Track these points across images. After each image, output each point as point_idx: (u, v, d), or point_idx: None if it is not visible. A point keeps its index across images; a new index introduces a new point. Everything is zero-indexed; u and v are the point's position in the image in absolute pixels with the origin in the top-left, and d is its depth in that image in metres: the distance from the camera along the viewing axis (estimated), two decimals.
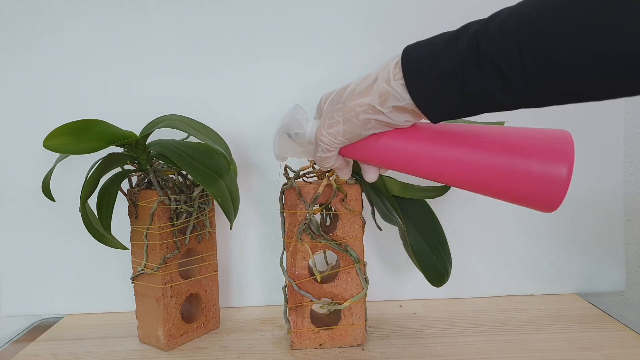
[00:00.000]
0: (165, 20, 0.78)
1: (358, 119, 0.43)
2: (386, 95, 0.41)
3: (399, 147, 0.45)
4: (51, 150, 0.55)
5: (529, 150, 0.39)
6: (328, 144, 0.46)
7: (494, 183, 0.40)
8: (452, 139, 0.43)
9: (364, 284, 0.63)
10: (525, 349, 0.62)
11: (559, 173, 0.37)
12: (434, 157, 0.43)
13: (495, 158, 0.40)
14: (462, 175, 0.42)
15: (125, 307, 0.79)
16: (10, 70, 0.78)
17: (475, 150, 0.41)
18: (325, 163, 0.49)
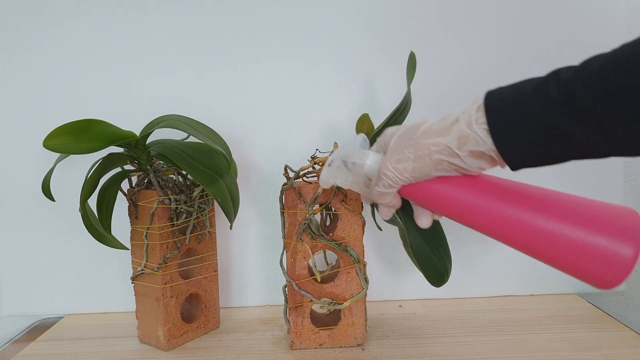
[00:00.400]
0: (165, 20, 0.78)
1: (431, 159, 0.42)
2: (466, 138, 0.40)
3: (462, 196, 0.43)
4: (51, 150, 0.55)
5: (597, 223, 0.37)
6: (392, 180, 0.45)
7: (555, 251, 0.38)
8: (518, 197, 0.41)
9: (364, 284, 0.63)
10: (525, 349, 0.62)
11: (626, 253, 0.35)
12: (496, 213, 0.41)
13: (560, 225, 0.38)
14: (522, 237, 0.40)
15: (125, 307, 0.79)
16: (10, 70, 0.78)
17: (539, 213, 0.39)
18: (383, 199, 0.47)
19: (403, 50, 0.76)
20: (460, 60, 0.79)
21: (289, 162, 0.78)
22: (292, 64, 0.79)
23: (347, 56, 0.78)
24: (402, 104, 0.64)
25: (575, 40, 0.79)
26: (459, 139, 0.40)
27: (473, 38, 0.78)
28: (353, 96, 0.79)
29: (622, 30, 0.79)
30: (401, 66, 0.73)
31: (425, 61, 0.77)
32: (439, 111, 0.78)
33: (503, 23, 0.78)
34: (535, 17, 0.79)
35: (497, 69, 0.79)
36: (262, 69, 0.79)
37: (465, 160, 0.41)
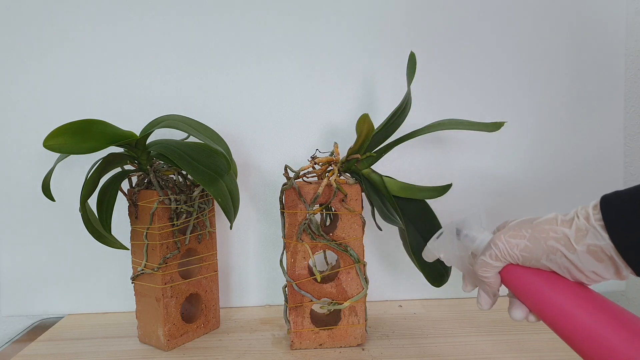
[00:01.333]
0: (165, 20, 0.78)
1: (546, 243, 0.41)
2: (585, 232, 0.39)
3: (562, 302, 0.41)
4: (51, 150, 0.55)
5: None
6: (501, 251, 0.43)
7: None
8: (621, 327, 0.38)
9: (364, 284, 0.63)
10: (525, 349, 0.62)
11: None
12: (594, 339, 0.39)
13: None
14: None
15: (125, 307, 0.79)
16: (11, 70, 0.78)
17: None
18: (485, 271, 0.45)
19: (403, 50, 0.76)
20: (460, 60, 0.79)
21: (289, 162, 0.79)
22: (292, 64, 0.79)
23: (347, 56, 0.78)
24: (402, 104, 0.64)
25: (576, 43, 0.79)
26: (577, 230, 0.39)
27: (473, 38, 0.78)
28: (353, 96, 0.79)
29: (623, 33, 0.79)
30: (401, 66, 0.73)
31: (426, 61, 0.77)
32: (438, 111, 0.78)
33: (503, 23, 0.78)
34: (535, 19, 0.79)
35: (498, 69, 0.79)
36: (262, 69, 0.79)
37: (581, 257, 0.40)
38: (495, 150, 0.80)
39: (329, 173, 0.63)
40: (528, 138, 0.80)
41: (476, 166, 0.80)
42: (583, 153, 0.79)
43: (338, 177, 0.63)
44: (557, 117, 0.79)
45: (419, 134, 0.63)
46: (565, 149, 0.79)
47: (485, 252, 0.45)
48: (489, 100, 0.79)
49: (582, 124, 0.79)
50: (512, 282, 0.45)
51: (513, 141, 0.80)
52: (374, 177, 0.64)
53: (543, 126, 0.79)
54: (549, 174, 0.80)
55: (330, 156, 0.64)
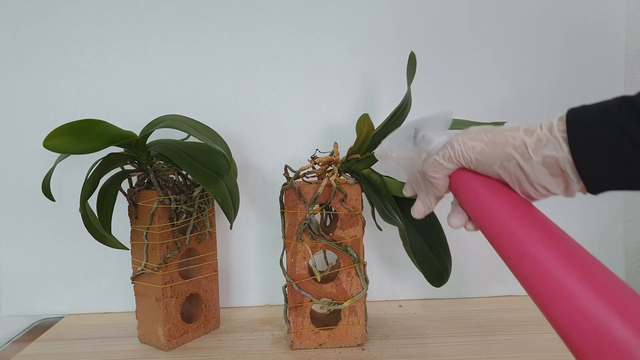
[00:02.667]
0: (165, 20, 0.78)
1: (503, 149, 0.40)
2: (545, 142, 0.38)
3: (506, 215, 0.40)
4: (51, 150, 0.55)
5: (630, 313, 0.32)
6: (456, 152, 0.42)
7: (575, 326, 0.35)
8: (564, 244, 0.38)
9: (364, 284, 0.63)
10: (525, 349, 0.62)
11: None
12: (534, 254, 0.38)
13: (597, 303, 0.34)
14: (548, 283, 0.36)
15: (125, 307, 0.79)
16: (11, 71, 0.78)
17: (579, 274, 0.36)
18: (434, 172, 0.44)
19: (403, 50, 0.76)
20: (460, 60, 0.79)
21: (289, 162, 0.79)
22: (292, 63, 0.79)
23: (347, 56, 0.78)
24: (402, 104, 0.64)
25: (576, 43, 0.79)
26: (537, 140, 0.38)
27: (474, 38, 0.78)
28: (353, 96, 0.79)
29: (623, 33, 0.79)
30: (401, 66, 0.73)
31: (426, 61, 0.77)
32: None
33: (503, 23, 0.78)
34: (535, 18, 0.79)
35: (498, 69, 0.79)
36: (263, 69, 0.79)
37: (535, 168, 0.39)
38: None
39: (329, 173, 0.63)
40: None
41: None
42: None
43: (338, 177, 0.63)
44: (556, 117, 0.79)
45: None
46: None
47: (439, 152, 0.44)
48: (489, 100, 0.79)
49: None
50: (460, 187, 0.43)
51: None
52: (374, 177, 0.64)
53: None
54: None
55: (330, 156, 0.64)
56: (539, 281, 0.37)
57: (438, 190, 0.46)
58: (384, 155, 0.49)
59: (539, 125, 0.39)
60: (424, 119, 0.46)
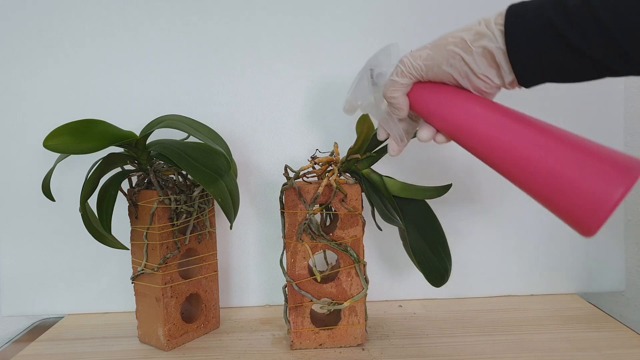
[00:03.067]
0: (165, 20, 0.78)
1: (446, 48, 0.43)
2: (481, 35, 0.41)
3: (465, 106, 0.43)
4: (51, 150, 0.55)
5: (595, 153, 0.37)
6: (406, 66, 0.45)
7: (545, 172, 0.38)
8: (520, 119, 0.41)
9: (364, 284, 0.63)
10: (525, 349, 0.62)
11: (610, 192, 0.35)
12: (495, 126, 0.41)
13: (563, 147, 0.38)
14: (513, 151, 0.40)
15: (125, 307, 0.79)
16: (10, 71, 0.78)
17: (533, 134, 0.40)
18: (392, 92, 0.47)
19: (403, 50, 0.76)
20: None
21: (289, 162, 0.79)
22: (292, 63, 0.79)
23: (347, 56, 0.78)
24: None
25: None
26: (475, 34, 0.42)
27: None
28: None
29: None
30: None
31: None
32: None
33: None
34: None
35: None
36: (262, 69, 0.79)
37: (476, 59, 0.42)
38: None
39: (329, 173, 0.63)
40: None
41: (476, 166, 0.80)
42: None
43: (338, 177, 0.63)
44: (557, 117, 0.78)
45: None
46: None
47: (393, 72, 0.47)
48: None
49: (582, 124, 0.79)
50: (419, 101, 0.46)
51: None
52: (374, 177, 0.64)
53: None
54: None
55: (330, 156, 0.64)
56: (507, 154, 0.41)
57: (400, 110, 0.48)
58: (352, 108, 0.51)
59: (478, 22, 0.43)
60: (373, 57, 0.49)
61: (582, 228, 0.38)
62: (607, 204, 0.35)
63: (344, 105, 0.51)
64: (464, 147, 0.45)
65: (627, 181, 0.35)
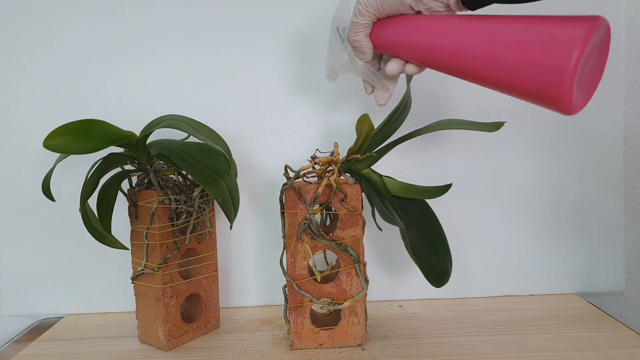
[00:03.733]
0: (164, 20, 0.78)
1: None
2: None
3: (422, 26, 0.45)
4: (51, 150, 0.55)
5: (549, 20, 0.38)
6: (362, 4, 0.47)
7: (508, 55, 0.39)
8: (474, 18, 0.43)
9: (364, 284, 0.63)
10: (525, 349, 0.62)
11: (576, 31, 0.35)
12: (452, 29, 0.43)
13: (513, 27, 0.39)
14: (475, 43, 0.41)
15: (125, 307, 0.79)
16: (10, 70, 0.78)
17: (496, 23, 0.41)
18: (355, 34, 0.48)
19: None
20: None
21: (289, 162, 0.79)
22: (292, 63, 0.79)
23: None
24: (401, 104, 0.64)
25: None
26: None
27: None
28: (353, 96, 0.79)
29: (623, 33, 0.79)
30: None
31: None
32: (438, 110, 0.78)
33: None
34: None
35: None
36: (262, 69, 0.79)
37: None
38: (495, 150, 0.80)
39: (329, 173, 0.63)
40: (528, 138, 0.80)
41: (476, 166, 0.80)
42: (583, 153, 0.79)
43: (338, 177, 0.63)
44: (557, 117, 0.79)
45: (419, 134, 0.63)
46: (565, 148, 0.79)
47: (352, 14, 0.48)
48: (489, 99, 0.79)
49: (582, 124, 0.79)
50: (381, 37, 0.48)
51: (513, 141, 0.80)
52: (374, 177, 0.64)
53: (543, 126, 0.79)
54: (548, 173, 0.80)
55: (330, 156, 0.64)
56: (467, 57, 0.42)
57: (365, 54, 0.50)
58: (332, 73, 0.53)
59: None
60: (335, 16, 0.50)
61: (558, 105, 0.38)
62: (565, 72, 0.35)
63: (325, 73, 0.53)
64: (432, 67, 0.47)
65: (579, 42, 0.35)
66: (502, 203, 0.80)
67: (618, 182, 0.80)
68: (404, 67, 0.50)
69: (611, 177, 0.80)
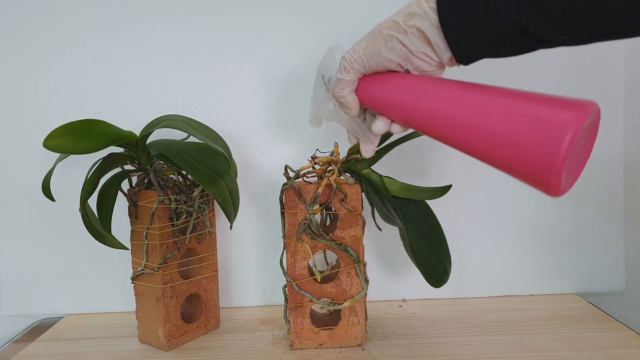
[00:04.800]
0: (164, 20, 0.78)
1: (382, 34, 0.44)
2: (413, 14, 0.41)
3: (408, 88, 0.43)
4: (51, 150, 0.55)
5: (541, 101, 0.36)
6: (347, 61, 0.46)
7: (496, 132, 0.37)
8: (465, 87, 0.41)
9: (364, 284, 0.63)
10: (525, 349, 0.62)
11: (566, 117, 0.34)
12: (441, 95, 0.41)
13: (504, 102, 0.37)
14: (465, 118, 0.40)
15: (125, 307, 0.79)
16: (10, 70, 0.78)
17: (487, 94, 0.39)
18: (340, 90, 0.47)
19: None
20: None
21: (289, 162, 0.79)
22: (292, 63, 0.79)
23: None
24: None
25: None
26: (407, 15, 0.42)
27: None
28: None
29: None
30: None
31: None
32: None
33: None
34: None
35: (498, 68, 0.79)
36: (262, 69, 0.79)
37: (412, 39, 0.42)
38: None
39: (329, 173, 0.63)
40: None
41: (476, 166, 0.80)
42: None
43: (338, 177, 0.63)
44: None
45: (419, 134, 0.63)
46: None
47: (338, 70, 0.47)
48: None
49: None
50: (368, 95, 0.47)
51: None
52: (374, 177, 0.64)
53: None
54: None
55: (331, 156, 0.64)
56: (455, 125, 0.40)
57: (351, 109, 0.49)
58: (316, 120, 0.52)
59: (410, 4, 0.43)
60: (321, 63, 0.49)
61: (545, 186, 0.36)
62: (557, 155, 0.34)
63: (310, 119, 0.52)
64: (418, 130, 0.45)
65: (572, 126, 0.34)
66: (502, 203, 0.80)
67: (618, 182, 0.80)
68: (390, 127, 0.48)
69: (611, 176, 0.80)
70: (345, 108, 0.49)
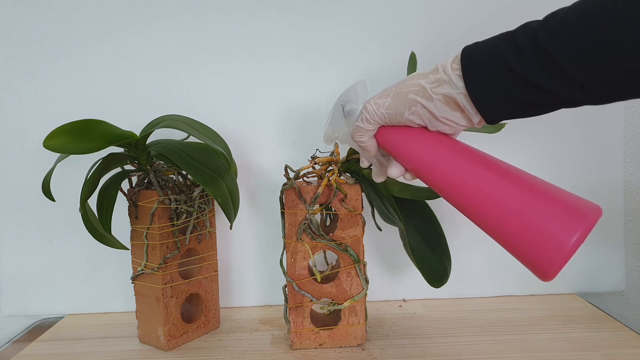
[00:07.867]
0: (164, 20, 0.78)
1: (407, 97, 0.44)
2: (440, 82, 0.42)
3: (425, 149, 0.44)
4: (51, 150, 0.55)
5: (553, 198, 0.37)
6: (370, 113, 0.46)
7: (503, 216, 0.39)
8: (482, 159, 0.42)
9: (364, 284, 0.63)
10: (525, 349, 0.62)
11: (565, 238, 0.35)
12: (456, 165, 0.42)
13: (516, 193, 0.39)
14: (474, 192, 0.41)
15: (125, 307, 0.79)
16: (10, 70, 0.78)
17: (500, 176, 0.40)
18: (359, 136, 0.48)
19: (404, 50, 0.77)
20: None
21: (289, 162, 0.79)
22: (292, 64, 0.79)
23: (348, 56, 0.78)
24: None
25: None
26: (435, 81, 0.42)
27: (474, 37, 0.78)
28: None
29: None
30: (402, 66, 0.73)
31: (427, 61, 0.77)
32: None
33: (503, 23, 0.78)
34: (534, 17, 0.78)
35: None
36: (263, 69, 0.79)
37: (437, 105, 0.42)
38: (495, 151, 0.80)
39: (329, 173, 0.63)
40: (528, 138, 0.80)
41: None
42: (583, 153, 0.79)
43: (338, 177, 0.63)
44: (557, 117, 0.79)
45: None
46: (566, 148, 0.80)
47: (358, 117, 0.48)
48: None
49: (582, 123, 0.79)
50: (386, 142, 0.47)
51: (513, 142, 0.80)
52: None
53: (543, 126, 0.79)
54: (548, 173, 0.80)
55: (331, 156, 0.64)
56: (466, 195, 0.42)
57: (368, 151, 0.50)
58: (330, 140, 0.53)
59: (435, 68, 0.43)
60: (343, 93, 0.49)
61: (540, 272, 0.38)
62: (562, 250, 0.36)
63: (323, 137, 0.53)
64: (429, 185, 0.46)
65: (582, 227, 0.35)
66: None
67: (618, 182, 0.80)
68: (404, 174, 0.49)
69: (611, 177, 0.80)
70: (363, 150, 0.50)
